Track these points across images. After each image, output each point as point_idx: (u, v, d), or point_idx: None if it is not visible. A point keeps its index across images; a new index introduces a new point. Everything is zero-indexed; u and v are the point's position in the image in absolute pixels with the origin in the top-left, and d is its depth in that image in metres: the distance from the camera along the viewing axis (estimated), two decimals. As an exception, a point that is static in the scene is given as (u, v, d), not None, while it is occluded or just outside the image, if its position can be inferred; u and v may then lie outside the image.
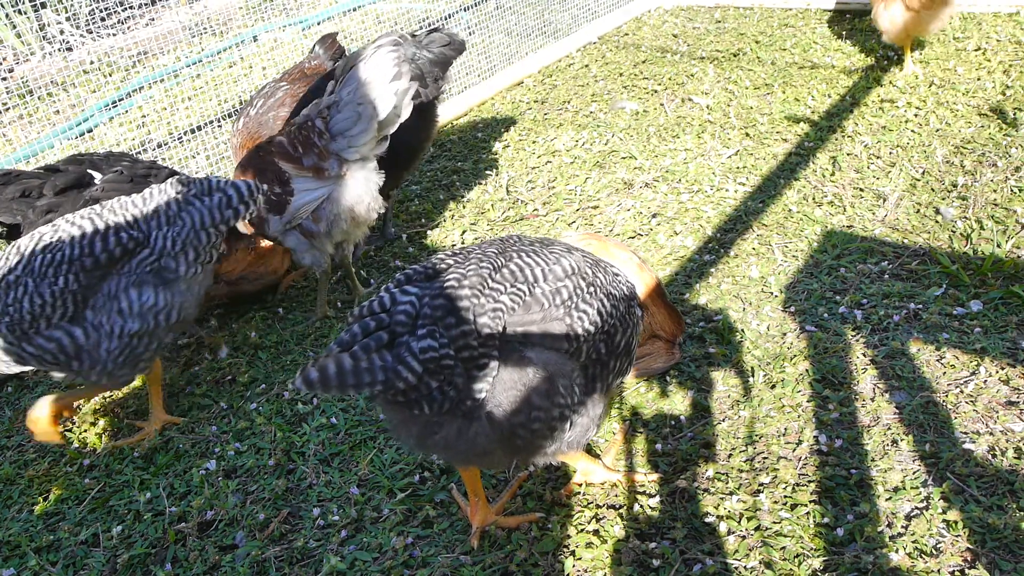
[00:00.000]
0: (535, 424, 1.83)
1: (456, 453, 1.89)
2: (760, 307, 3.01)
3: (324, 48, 4.12)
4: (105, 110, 5.42)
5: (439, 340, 1.69)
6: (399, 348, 1.68)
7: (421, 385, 1.70)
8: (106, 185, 2.97)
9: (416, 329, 1.70)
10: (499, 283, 1.81)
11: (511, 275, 1.84)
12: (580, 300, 1.88)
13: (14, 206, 2.79)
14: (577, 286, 1.89)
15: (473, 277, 1.79)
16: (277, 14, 6.73)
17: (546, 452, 1.96)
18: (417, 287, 1.78)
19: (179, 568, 2.31)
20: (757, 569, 2.04)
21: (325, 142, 3.04)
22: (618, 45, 6.02)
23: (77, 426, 3.02)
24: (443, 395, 1.74)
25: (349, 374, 1.63)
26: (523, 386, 1.80)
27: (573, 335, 1.85)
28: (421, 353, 1.68)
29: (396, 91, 2.98)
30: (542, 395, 1.81)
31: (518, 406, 1.80)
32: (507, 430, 1.82)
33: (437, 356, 1.69)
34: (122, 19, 6.77)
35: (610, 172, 4.18)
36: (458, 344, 1.71)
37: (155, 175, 3.15)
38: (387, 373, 1.66)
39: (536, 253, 1.92)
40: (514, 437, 1.84)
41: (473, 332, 1.72)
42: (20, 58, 6.31)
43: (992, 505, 2.10)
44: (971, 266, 2.99)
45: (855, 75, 4.77)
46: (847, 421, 2.45)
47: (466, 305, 1.74)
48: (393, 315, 1.72)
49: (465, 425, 1.81)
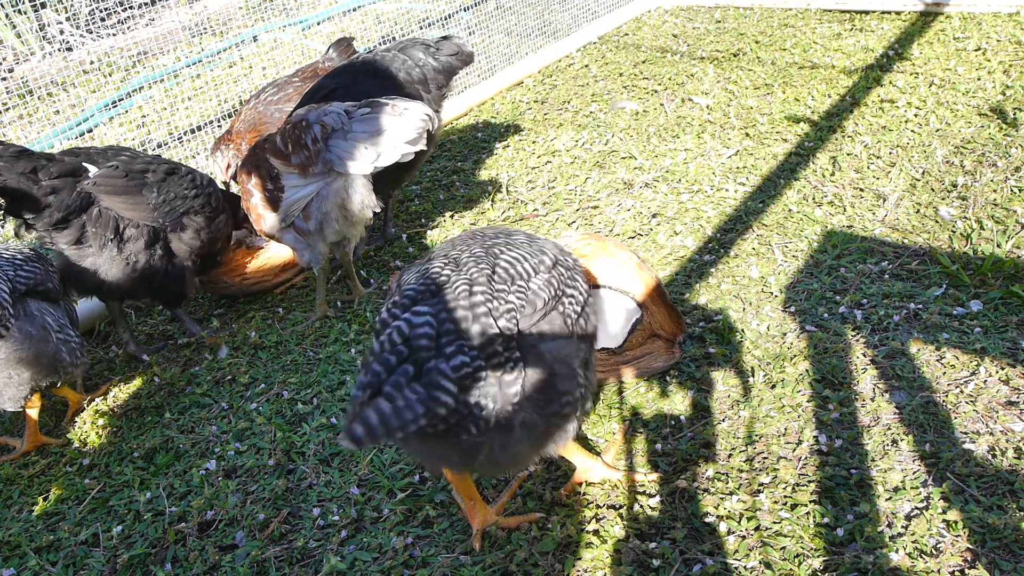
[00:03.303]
0: (565, 409, 1.87)
1: (498, 466, 1.89)
2: (760, 307, 3.01)
3: (339, 53, 4.13)
4: (105, 110, 5.42)
5: (469, 354, 1.66)
6: (430, 374, 1.61)
7: (460, 406, 1.65)
8: (99, 179, 2.95)
9: (443, 348, 1.65)
10: (501, 283, 1.81)
11: (506, 274, 1.85)
12: (565, 287, 1.95)
13: (23, 180, 2.79)
14: (561, 274, 1.96)
15: (482, 282, 1.78)
16: (277, 14, 6.73)
17: (569, 436, 1.99)
18: (427, 306, 1.73)
19: (179, 568, 2.31)
20: (757, 569, 2.04)
21: (317, 148, 3.02)
22: (618, 45, 6.02)
23: (77, 426, 3.02)
24: (482, 409, 1.70)
25: (392, 417, 1.54)
26: (548, 377, 1.80)
27: (571, 319, 1.91)
28: (454, 372, 1.62)
29: (405, 152, 2.98)
30: (566, 380, 1.84)
31: (549, 397, 1.81)
32: (543, 426, 1.83)
33: (471, 370, 1.65)
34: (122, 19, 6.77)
35: (610, 172, 4.18)
36: (487, 352, 1.69)
37: (153, 171, 3.12)
38: (426, 404, 1.58)
39: (516, 247, 1.96)
40: (550, 429, 1.87)
41: (499, 337, 1.71)
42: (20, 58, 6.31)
43: (992, 505, 2.10)
44: (971, 266, 2.99)
45: (855, 75, 4.77)
46: (847, 421, 2.45)
47: (484, 311, 1.72)
48: (413, 342, 1.64)
49: (505, 435, 1.78)
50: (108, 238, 2.99)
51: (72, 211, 2.91)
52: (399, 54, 3.58)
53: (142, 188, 3.05)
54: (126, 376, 3.29)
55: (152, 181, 3.09)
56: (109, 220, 2.98)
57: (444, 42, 3.61)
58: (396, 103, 2.96)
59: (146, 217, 3.06)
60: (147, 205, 3.06)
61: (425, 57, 3.54)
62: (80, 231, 2.95)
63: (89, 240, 2.97)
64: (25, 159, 2.81)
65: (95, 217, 2.96)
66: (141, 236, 3.06)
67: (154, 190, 3.08)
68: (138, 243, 3.05)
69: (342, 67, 3.69)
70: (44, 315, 2.72)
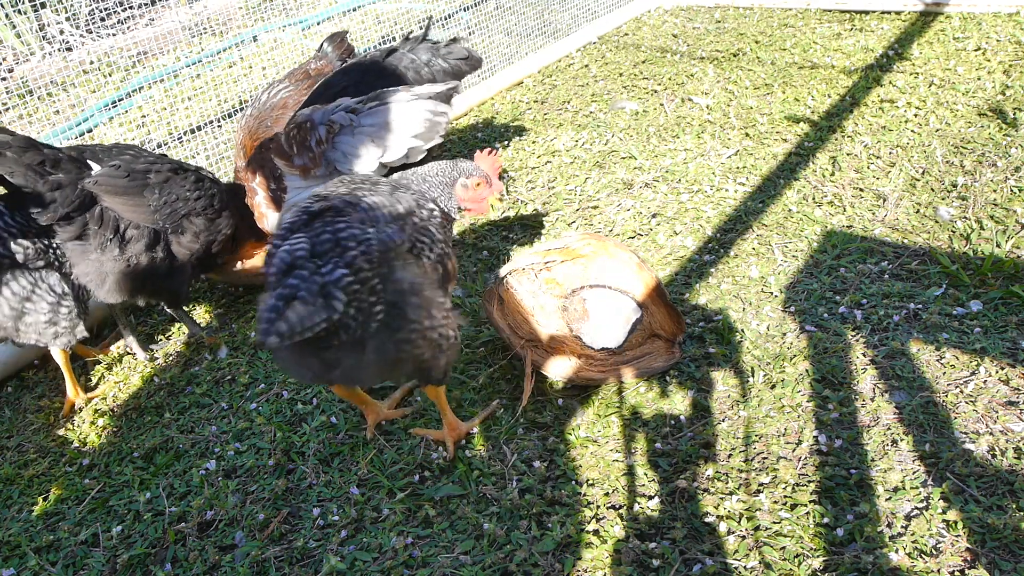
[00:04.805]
0: (412, 335, 2.11)
1: (351, 378, 2.22)
2: (760, 307, 3.01)
3: (333, 47, 4.11)
4: (105, 110, 5.42)
5: (345, 270, 1.90)
6: (326, 287, 1.87)
7: (343, 315, 1.90)
8: (100, 179, 2.92)
9: (321, 267, 1.89)
10: (360, 221, 2.06)
11: (367, 214, 2.09)
12: (419, 234, 2.20)
13: (29, 173, 2.77)
14: (414, 223, 2.21)
15: (348, 213, 2.06)
16: (277, 14, 6.73)
17: (422, 369, 2.26)
18: (303, 233, 1.98)
19: (179, 568, 2.31)
20: (757, 569, 2.04)
21: (322, 149, 3.01)
22: (618, 45, 6.02)
23: (77, 426, 3.02)
24: (351, 323, 1.96)
25: (305, 318, 1.80)
26: (400, 305, 2.05)
27: (424, 263, 2.18)
28: (338, 283, 1.86)
29: (412, 147, 2.96)
30: (416, 310, 2.09)
31: (399, 324, 2.06)
32: (393, 350, 2.10)
33: (350, 281, 1.89)
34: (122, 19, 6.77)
35: (610, 172, 4.18)
36: (357, 274, 1.92)
37: (156, 171, 3.09)
38: (328, 310, 1.84)
39: (378, 194, 2.21)
40: (400, 354, 2.12)
41: (363, 262, 1.94)
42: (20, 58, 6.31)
43: (992, 505, 2.10)
44: (971, 266, 2.99)
45: (855, 75, 4.77)
46: (847, 421, 2.45)
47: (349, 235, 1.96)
48: (296, 262, 1.90)
49: (360, 351, 2.04)
50: (108, 238, 2.98)
51: (75, 208, 2.89)
52: (407, 54, 3.58)
53: (143, 189, 3.03)
54: (125, 376, 3.29)
55: (154, 182, 3.06)
56: (110, 220, 2.97)
57: (453, 45, 3.61)
58: (406, 91, 2.95)
59: (146, 219, 3.04)
60: (148, 207, 3.03)
61: (433, 59, 3.54)
62: (82, 228, 2.93)
63: (90, 238, 2.96)
64: (33, 151, 2.79)
65: (97, 216, 2.95)
66: (142, 237, 3.05)
67: (156, 191, 3.06)
68: (139, 244, 3.03)
69: (351, 65, 3.68)
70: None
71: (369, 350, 2.04)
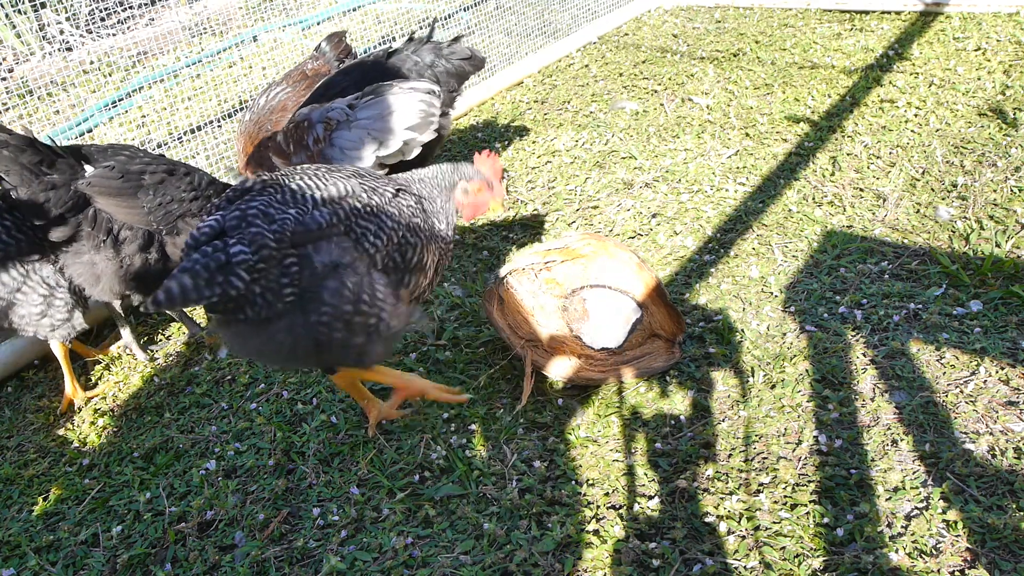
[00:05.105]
0: (324, 318, 2.08)
1: (266, 357, 2.20)
2: (760, 307, 3.01)
3: (331, 47, 4.11)
4: (105, 110, 5.42)
5: (248, 248, 1.92)
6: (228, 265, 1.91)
7: (247, 291, 1.94)
8: (94, 180, 2.90)
9: (228, 245, 1.92)
10: (284, 202, 2.06)
11: (292, 197, 2.09)
12: (360, 218, 2.14)
13: (25, 173, 2.75)
14: (353, 207, 2.15)
15: (263, 196, 2.06)
16: (277, 14, 6.73)
17: (359, 348, 2.20)
18: (222, 211, 2.02)
19: (179, 568, 2.31)
20: (757, 569, 2.04)
21: (319, 148, 3.01)
22: (618, 45, 6.02)
23: (77, 426, 3.02)
24: (255, 299, 1.98)
25: (191, 290, 1.88)
26: (317, 288, 2.05)
27: (364, 248, 2.13)
28: (241, 262, 1.90)
29: (408, 140, 2.96)
30: (335, 296, 2.07)
31: (314, 307, 2.06)
32: (304, 333, 2.08)
33: (252, 262, 1.91)
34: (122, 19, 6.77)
35: (610, 172, 4.18)
36: (261, 252, 1.93)
37: (151, 172, 3.06)
38: (223, 286, 1.90)
39: (318, 178, 2.17)
40: (318, 337, 2.09)
41: (270, 241, 1.96)
42: (20, 58, 6.31)
43: (992, 505, 2.10)
44: (971, 266, 2.99)
45: (855, 75, 4.77)
46: (847, 421, 2.45)
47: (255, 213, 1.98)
48: (200, 231, 1.97)
49: (267, 328, 2.07)
50: (101, 239, 2.96)
51: (68, 209, 2.88)
52: (411, 56, 3.58)
53: (137, 191, 3.00)
54: (125, 376, 3.29)
55: (149, 183, 3.04)
56: (103, 222, 2.96)
57: (455, 45, 3.60)
58: (401, 83, 2.95)
59: (140, 220, 3.02)
60: (141, 208, 3.00)
61: (437, 59, 3.54)
62: (75, 229, 2.92)
63: (84, 239, 2.95)
64: (31, 151, 2.77)
65: (90, 218, 2.93)
66: (136, 239, 3.03)
67: (150, 192, 3.03)
68: (132, 245, 3.02)
69: (352, 65, 3.68)
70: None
71: (278, 329, 2.06)
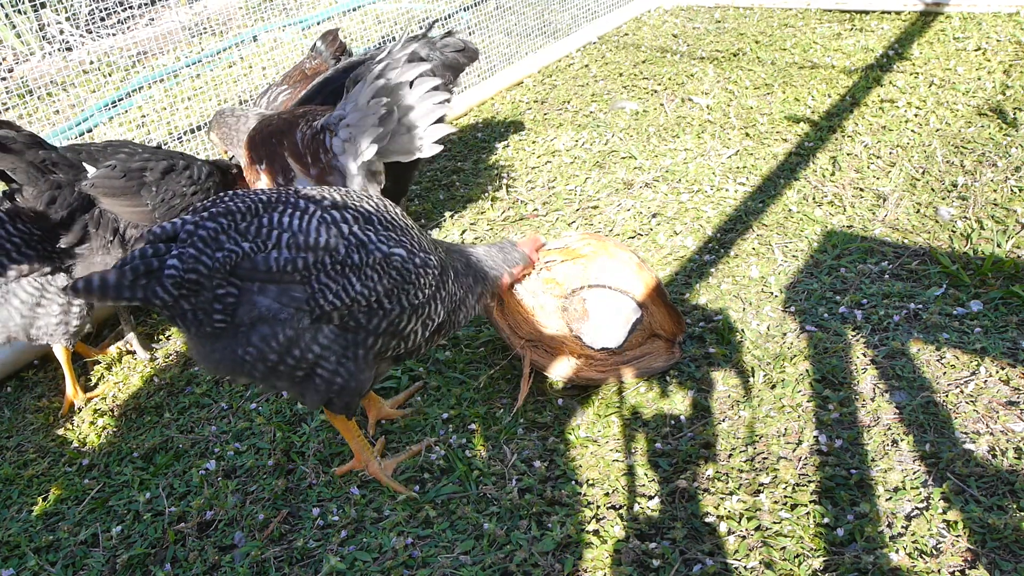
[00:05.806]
0: (247, 357, 2.06)
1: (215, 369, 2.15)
2: (760, 307, 3.01)
3: (326, 45, 4.11)
4: (105, 110, 5.42)
5: (184, 264, 1.92)
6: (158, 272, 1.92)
7: (176, 305, 1.95)
8: (96, 180, 2.90)
9: (164, 258, 1.93)
10: (245, 232, 1.99)
11: (263, 230, 2.00)
12: (322, 273, 2.02)
13: (32, 171, 2.75)
14: (320, 260, 2.02)
15: (225, 220, 1.99)
16: (277, 14, 6.73)
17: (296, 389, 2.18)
18: (190, 218, 1.99)
19: (179, 568, 2.31)
20: (757, 569, 2.04)
21: (328, 159, 3.01)
22: (618, 45, 6.02)
23: (77, 426, 3.02)
24: (195, 318, 1.99)
25: (112, 287, 1.89)
26: (247, 327, 2.03)
27: (311, 299, 2.02)
28: (171, 277, 1.91)
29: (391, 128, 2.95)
30: (265, 340, 2.04)
31: (237, 343, 2.04)
32: (230, 364, 2.09)
33: (179, 277, 1.91)
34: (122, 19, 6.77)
35: (610, 172, 4.18)
36: (192, 272, 1.92)
37: (151, 168, 3.06)
38: (145, 291, 1.91)
39: (300, 216, 2.04)
40: (250, 370, 2.09)
41: (203, 265, 1.94)
42: (20, 58, 6.31)
43: (992, 505, 2.10)
44: (971, 266, 2.99)
45: (855, 75, 4.77)
46: (847, 421, 2.45)
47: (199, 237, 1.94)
48: (154, 232, 1.97)
49: (201, 347, 2.10)
50: (108, 240, 2.97)
51: (74, 210, 2.88)
52: None
53: (140, 189, 3.01)
54: (125, 376, 3.29)
55: (150, 180, 3.04)
56: (108, 222, 2.96)
57: (448, 38, 3.60)
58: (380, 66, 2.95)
59: (145, 218, 3.03)
60: (145, 206, 3.02)
61: (431, 53, 3.53)
62: (83, 233, 2.93)
63: (91, 243, 2.95)
64: (37, 148, 2.77)
65: (95, 219, 2.94)
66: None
67: (152, 189, 3.04)
68: (138, 244, 3.03)
69: (353, 62, 3.69)
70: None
71: (213, 349, 2.08)
